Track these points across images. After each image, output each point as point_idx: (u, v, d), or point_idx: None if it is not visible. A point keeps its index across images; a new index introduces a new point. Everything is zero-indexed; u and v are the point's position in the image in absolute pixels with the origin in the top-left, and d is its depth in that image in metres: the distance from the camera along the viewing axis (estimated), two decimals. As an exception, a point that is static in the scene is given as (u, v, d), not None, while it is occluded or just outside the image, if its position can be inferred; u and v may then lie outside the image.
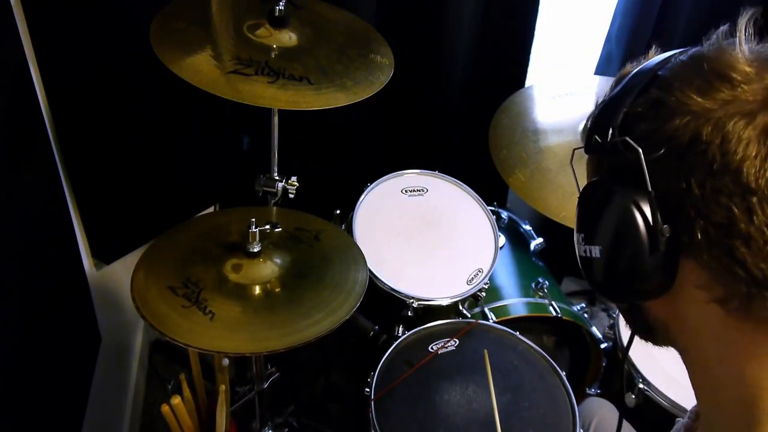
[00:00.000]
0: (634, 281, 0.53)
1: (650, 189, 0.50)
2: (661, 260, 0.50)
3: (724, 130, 0.47)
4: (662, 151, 0.49)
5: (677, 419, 0.69)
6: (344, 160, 1.91)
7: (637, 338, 0.61)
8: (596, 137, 0.55)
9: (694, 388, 0.56)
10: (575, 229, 0.59)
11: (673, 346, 0.58)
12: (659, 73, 0.53)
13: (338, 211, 1.50)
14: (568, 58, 1.97)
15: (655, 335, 0.59)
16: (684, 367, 0.57)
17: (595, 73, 1.87)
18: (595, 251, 0.55)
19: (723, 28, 0.53)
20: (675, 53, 0.55)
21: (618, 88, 0.56)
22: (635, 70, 0.56)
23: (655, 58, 0.56)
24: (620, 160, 0.52)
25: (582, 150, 0.60)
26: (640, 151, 0.50)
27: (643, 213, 0.50)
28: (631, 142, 0.51)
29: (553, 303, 1.47)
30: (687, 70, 0.51)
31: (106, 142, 1.33)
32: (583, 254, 0.57)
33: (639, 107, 0.52)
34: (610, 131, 0.53)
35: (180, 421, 1.20)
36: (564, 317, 1.45)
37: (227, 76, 1.05)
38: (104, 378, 1.44)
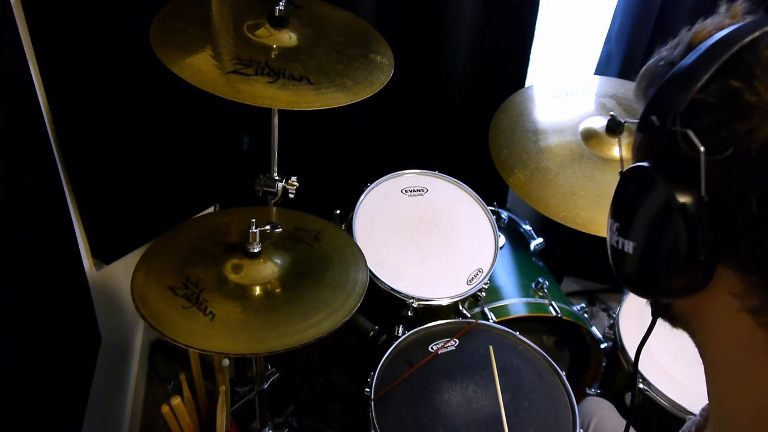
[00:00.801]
0: (667, 283, 0.49)
1: (704, 194, 0.45)
2: (698, 267, 0.46)
3: None
4: (727, 153, 0.43)
5: (688, 417, 0.68)
6: (344, 160, 1.91)
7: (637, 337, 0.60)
8: (653, 118, 0.48)
9: (707, 384, 0.55)
10: (609, 213, 0.54)
11: (691, 337, 0.56)
12: (743, 53, 0.45)
13: (338, 211, 1.50)
14: (568, 58, 1.97)
15: (674, 321, 0.57)
16: (684, 367, 0.57)
17: (595, 73, 1.87)
18: (629, 246, 0.51)
19: None
20: (766, 22, 0.48)
21: (691, 58, 0.49)
22: (714, 39, 0.48)
23: (741, 23, 0.48)
24: (676, 150, 0.46)
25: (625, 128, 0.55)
26: (702, 150, 0.44)
27: (690, 218, 0.45)
28: (694, 138, 0.45)
29: (553, 303, 1.47)
30: None
31: (106, 142, 1.33)
32: (615, 245, 0.53)
33: (710, 96, 0.46)
34: (671, 116, 0.47)
35: (180, 421, 1.20)
36: (564, 317, 1.45)
37: (227, 76, 1.05)
38: (104, 378, 1.44)
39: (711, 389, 0.55)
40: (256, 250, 1.11)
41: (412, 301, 1.32)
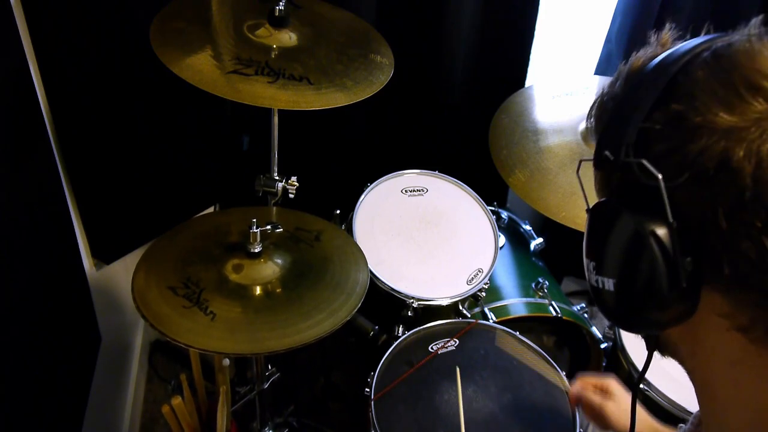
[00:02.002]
0: (652, 315, 0.48)
1: (671, 220, 0.44)
2: (681, 294, 0.45)
3: (758, 153, 0.41)
4: (685, 176, 0.43)
5: (680, 425, 0.68)
6: (344, 160, 1.91)
7: (637, 337, 0.60)
8: (607, 153, 0.49)
9: (700, 406, 0.55)
10: (584, 252, 0.54)
11: (680, 364, 0.55)
12: (678, 78, 0.46)
13: (338, 211, 1.50)
14: (568, 58, 1.97)
15: (662, 350, 0.56)
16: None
17: (595, 73, 1.87)
18: (608, 284, 0.50)
19: (756, 19, 0.46)
20: (695, 45, 0.48)
21: (630, 90, 0.50)
22: (649, 67, 0.49)
23: (671, 50, 0.49)
24: (635, 181, 0.46)
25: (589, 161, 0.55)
26: (660, 177, 0.44)
27: (663, 246, 0.45)
28: (649, 166, 0.44)
29: (553, 303, 1.47)
30: (712, 76, 0.44)
31: (106, 142, 1.33)
32: (595, 284, 0.52)
33: (657, 123, 0.46)
34: (624, 149, 0.47)
35: (180, 421, 1.20)
36: (564, 317, 1.45)
37: (227, 76, 1.05)
38: (104, 378, 1.44)
39: (705, 411, 0.55)
40: (256, 250, 1.11)
41: (412, 301, 1.32)
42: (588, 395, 1.00)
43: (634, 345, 1.36)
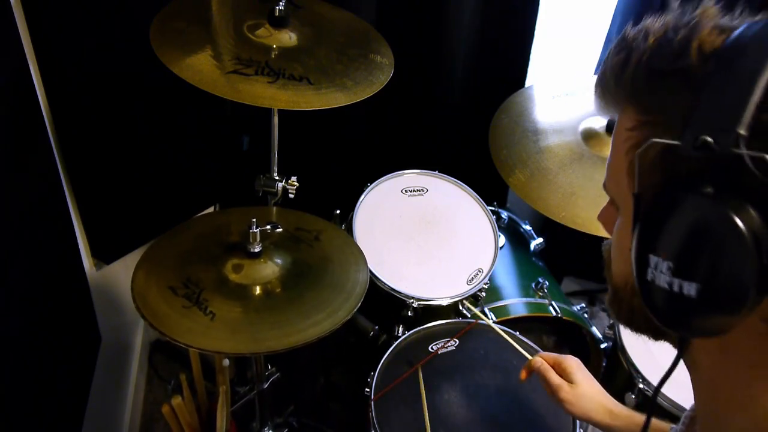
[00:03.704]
0: (725, 320, 0.44)
1: None
2: (757, 297, 0.42)
3: None
4: None
5: (671, 426, 0.68)
6: (344, 160, 1.91)
7: (637, 337, 0.59)
8: (707, 138, 0.43)
9: (699, 406, 0.54)
10: (645, 248, 0.47)
11: (684, 360, 0.54)
12: None
13: (338, 211, 1.50)
14: (568, 58, 1.97)
15: (663, 338, 0.55)
16: (684, 366, 0.56)
17: (595, 73, 1.87)
18: (688, 288, 0.44)
19: None
20: None
21: (727, 62, 0.44)
22: (759, 40, 0.44)
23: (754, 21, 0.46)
24: (741, 175, 0.41)
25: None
26: None
27: (763, 250, 0.41)
28: None
29: (553, 303, 1.47)
30: None
31: (106, 142, 1.33)
32: (665, 286, 0.46)
33: None
34: (735, 135, 0.41)
35: (180, 421, 1.20)
36: (564, 317, 1.45)
37: (227, 76, 1.05)
38: (104, 378, 1.44)
39: (705, 408, 0.54)
40: (256, 250, 1.11)
41: (412, 301, 1.32)
42: (547, 374, 0.99)
43: (634, 345, 1.36)
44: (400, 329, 1.35)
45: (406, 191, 1.52)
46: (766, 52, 0.43)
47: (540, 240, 1.67)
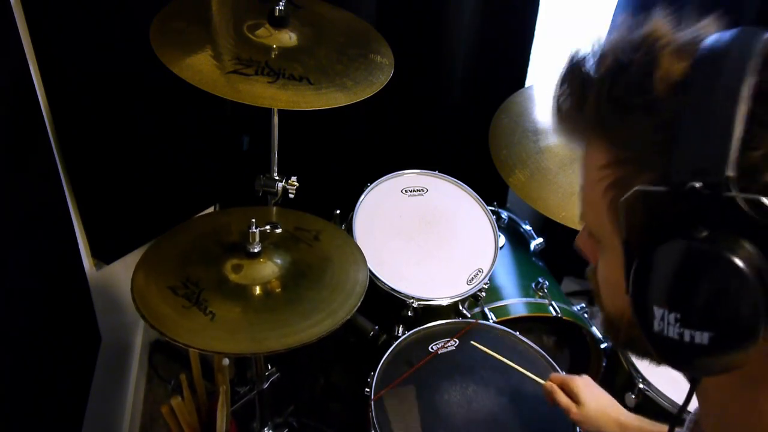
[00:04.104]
0: (738, 359, 0.43)
1: None
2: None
3: None
4: None
5: (676, 429, 0.68)
6: (344, 160, 1.91)
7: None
8: (694, 184, 0.41)
9: (703, 419, 0.54)
10: (649, 301, 0.45)
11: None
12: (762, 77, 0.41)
13: (338, 211, 1.50)
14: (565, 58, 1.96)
15: (667, 364, 0.53)
16: None
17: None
18: (701, 337, 0.43)
19: None
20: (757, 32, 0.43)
21: (703, 90, 0.43)
22: (729, 62, 0.42)
23: (734, 39, 0.44)
24: (733, 215, 0.40)
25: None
26: None
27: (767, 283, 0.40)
28: None
29: (553, 303, 1.47)
30: None
31: (106, 142, 1.33)
32: (676, 337, 0.44)
33: (757, 139, 0.40)
34: (724, 178, 0.40)
35: (180, 421, 1.20)
36: (564, 317, 1.45)
37: (227, 76, 1.05)
38: (104, 378, 1.44)
39: (713, 423, 0.54)
40: (256, 250, 1.11)
41: (412, 301, 1.32)
42: (557, 397, 1.03)
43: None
44: (400, 329, 1.35)
45: (406, 191, 1.52)
46: (737, 77, 0.41)
47: (540, 240, 1.67)
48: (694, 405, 0.57)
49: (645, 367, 1.33)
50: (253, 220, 1.10)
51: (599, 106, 0.49)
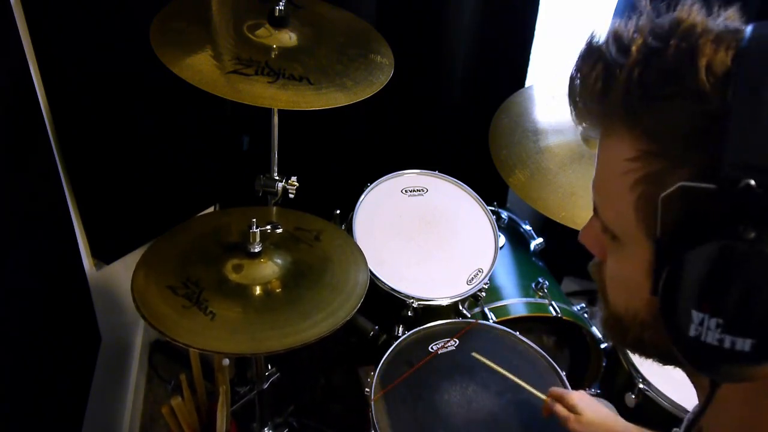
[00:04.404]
0: None
1: None
2: None
3: None
4: None
5: (674, 430, 0.67)
6: (344, 160, 1.91)
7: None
8: (749, 181, 0.39)
9: (711, 423, 0.53)
10: (688, 304, 0.43)
11: (688, 374, 0.53)
12: None
13: (338, 211, 1.50)
14: (568, 58, 1.97)
15: (674, 365, 0.53)
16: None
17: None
18: (743, 344, 0.41)
19: None
20: None
21: (744, 82, 0.41)
22: (753, 50, 0.42)
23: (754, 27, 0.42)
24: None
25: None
26: None
27: None
28: None
29: (553, 303, 1.47)
30: None
31: (106, 142, 1.33)
32: (715, 343, 0.42)
33: None
34: (756, 173, 0.39)
35: (180, 421, 1.20)
36: (564, 317, 1.45)
37: (227, 76, 1.05)
38: (104, 378, 1.44)
39: (721, 423, 0.53)
40: (256, 250, 1.11)
41: (412, 301, 1.32)
42: (555, 408, 1.03)
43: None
44: (400, 329, 1.35)
45: (406, 191, 1.52)
46: None
47: (540, 240, 1.67)
48: (688, 401, 0.57)
49: (645, 367, 1.33)
50: (254, 220, 1.10)
51: (628, 93, 0.46)
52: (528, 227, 1.72)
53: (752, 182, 0.39)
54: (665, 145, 0.45)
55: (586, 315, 1.53)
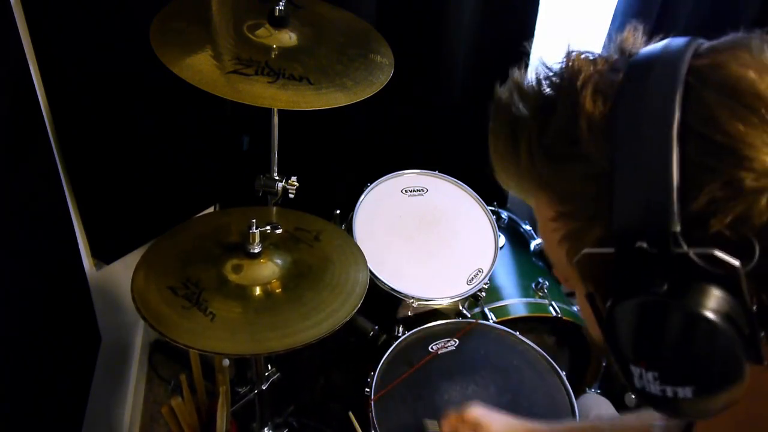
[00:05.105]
0: (727, 400, 0.41)
1: (752, 307, 0.38)
2: (757, 363, 0.40)
3: None
4: (757, 252, 0.37)
5: (653, 424, 0.67)
6: (344, 160, 1.91)
7: None
8: (642, 244, 0.39)
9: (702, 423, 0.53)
10: (624, 359, 0.44)
11: None
12: (691, 107, 0.39)
13: (338, 211, 1.50)
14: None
15: None
16: None
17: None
18: (683, 392, 0.41)
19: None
20: (688, 44, 0.41)
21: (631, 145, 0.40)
22: (650, 99, 0.40)
23: (653, 70, 0.41)
24: (688, 267, 0.39)
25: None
26: (738, 266, 0.37)
27: (746, 336, 0.39)
28: (725, 257, 0.37)
29: (553, 303, 1.47)
30: (727, 106, 0.38)
31: (106, 142, 1.33)
32: (659, 393, 0.43)
33: (702, 189, 0.38)
34: (671, 235, 0.38)
35: (180, 421, 1.20)
36: (564, 317, 1.45)
37: (227, 76, 1.05)
38: (104, 378, 1.44)
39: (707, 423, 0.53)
40: (256, 251, 1.11)
41: (412, 301, 1.32)
42: (460, 429, 0.96)
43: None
44: (400, 329, 1.35)
45: (406, 191, 1.52)
46: (663, 117, 0.38)
47: (540, 240, 1.67)
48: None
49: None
50: (254, 220, 1.10)
51: (532, 156, 0.46)
52: (528, 227, 1.72)
53: (644, 245, 0.39)
54: (574, 205, 0.45)
55: (586, 315, 1.53)
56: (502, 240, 1.63)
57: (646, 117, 0.39)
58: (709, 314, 0.38)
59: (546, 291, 1.50)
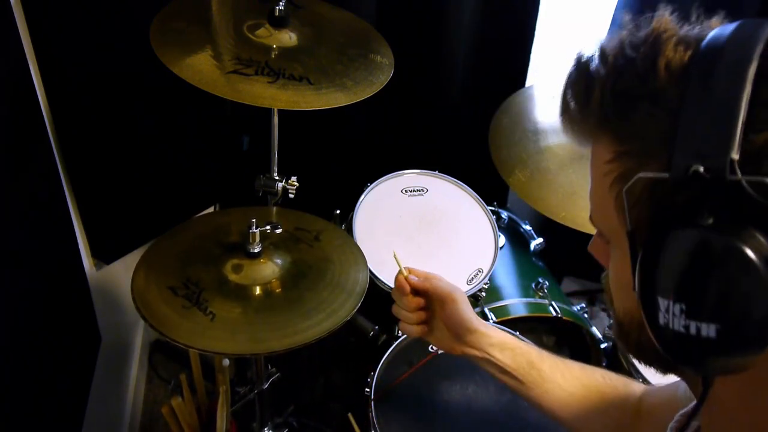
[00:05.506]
0: (748, 359, 0.42)
1: None
2: None
3: None
4: None
5: (669, 426, 0.68)
6: (344, 160, 1.91)
7: None
8: (698, 168, 0.40)
9: (706, 427, 0.53)
10: (653, 291, 0.44)
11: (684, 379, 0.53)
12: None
13: (338, 211, 1.50)
14: (568, 58, 1.97)
15: (674, 372, 0.54)
16: None
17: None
18: (708, 330, 0.41)
19: None
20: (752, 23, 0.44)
21: (702, 78, 0.42)
22: (731, 47, 0.42)
23: (738, 27, 0.44)
24: (740, 201, 0.40)
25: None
26: None
27: None
28: None
29: (553, 303, 1.47)
30: None
31: (106, 142, 1.33)
32: (682, 330, 0.43)
33: (761, 121, 0.40)
34: (728, 161, 0.39)
35: (180, 421, 1.20)
36: (564, 317, 1.45)
37: (227, 76, 1.05)
38: (104, 378, 1.44)
39: (718, 425, 0.53)
40: (256, 250, 1.11)
41: (412, 301, 1.31)
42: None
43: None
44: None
45: (406, 191, 1.52)
46: (741, 65, 0.41)
47: (540, 240, 1.67)
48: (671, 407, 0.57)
49: (645, 367, 1.33)
50: (253, 220, 1.10)
51: (603, 101, 0.48)
52: (528, 227, 1.71)
53: (701, 169, 0.40)
54: (634, 143, 0.47)
55: (586, 315, 1.53)
56: (502, 240, 1.63)
57: (724, 61, 0.42)
58: (750, 252, 0.39)
59: (546, 291, 1.50)
